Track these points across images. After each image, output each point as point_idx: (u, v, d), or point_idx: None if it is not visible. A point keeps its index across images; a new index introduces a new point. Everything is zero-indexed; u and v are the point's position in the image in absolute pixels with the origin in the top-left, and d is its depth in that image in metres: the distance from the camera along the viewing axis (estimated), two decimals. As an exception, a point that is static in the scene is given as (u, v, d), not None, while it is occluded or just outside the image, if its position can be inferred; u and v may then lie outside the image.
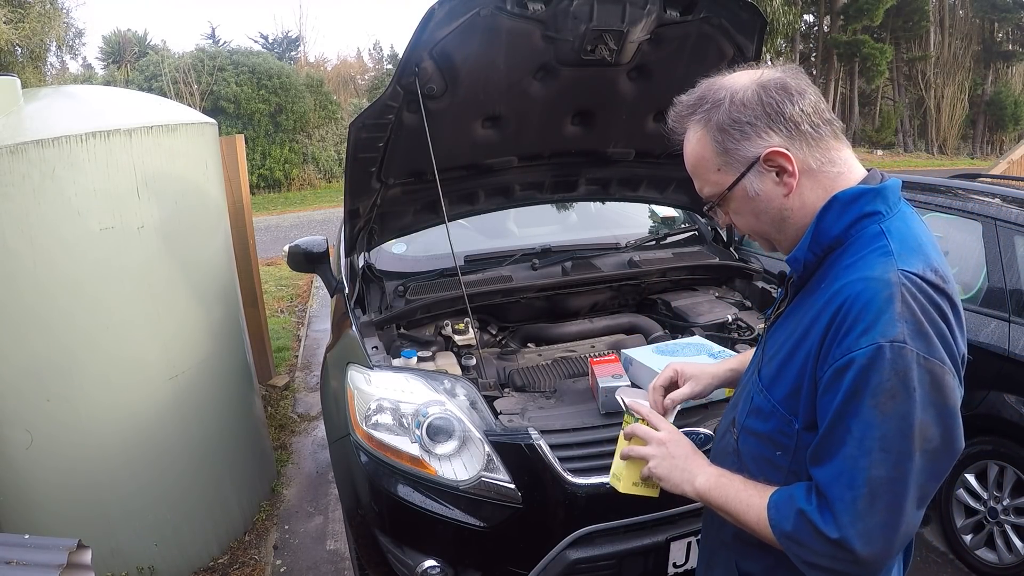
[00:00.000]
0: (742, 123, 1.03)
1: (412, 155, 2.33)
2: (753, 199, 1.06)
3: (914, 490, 0.94)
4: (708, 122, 1.05)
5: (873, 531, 0.94)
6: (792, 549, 1.00)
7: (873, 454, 0.92)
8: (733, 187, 1.06)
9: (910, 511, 0.94)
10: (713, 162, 1.06)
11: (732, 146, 1.04)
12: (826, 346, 0.97)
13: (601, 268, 2.78)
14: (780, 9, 17.90)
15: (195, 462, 2.78)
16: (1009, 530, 2.79)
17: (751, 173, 1.04)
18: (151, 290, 2.54)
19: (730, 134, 1.03)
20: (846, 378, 0.93)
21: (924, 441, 0.92)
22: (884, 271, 0.95)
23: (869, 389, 0.92)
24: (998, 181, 3.86)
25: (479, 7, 1.98)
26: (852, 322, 0.94)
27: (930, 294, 0.94)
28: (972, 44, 25.14)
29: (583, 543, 1.88)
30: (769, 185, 1.04)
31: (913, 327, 0.91)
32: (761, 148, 1.02)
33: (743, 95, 1.03)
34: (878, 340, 0.91)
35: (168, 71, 14.28)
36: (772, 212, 1.06)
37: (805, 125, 1.02)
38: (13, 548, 1.51)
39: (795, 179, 1.03)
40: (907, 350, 0.90)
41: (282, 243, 3.75)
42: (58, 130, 2.25)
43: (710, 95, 1.06)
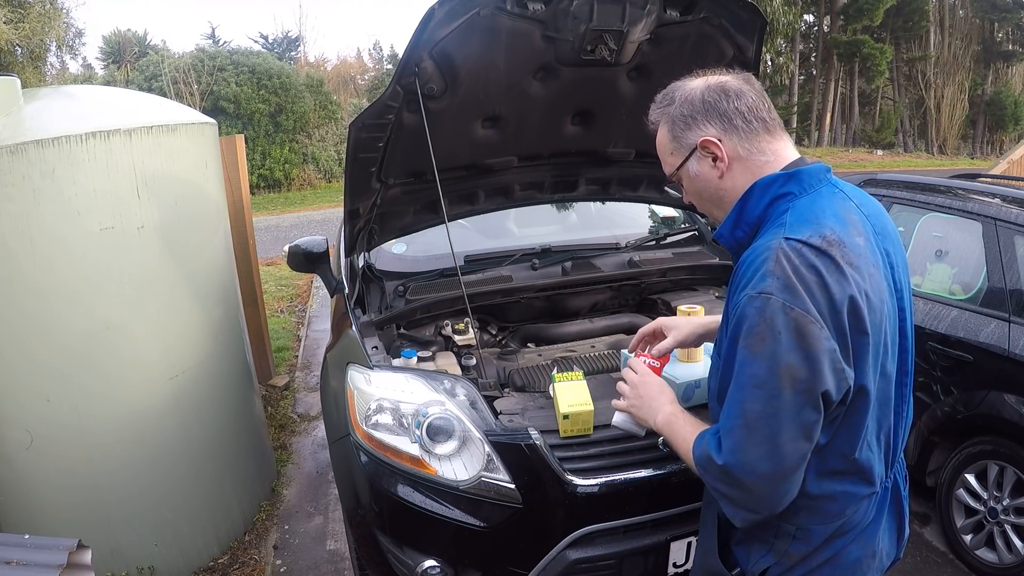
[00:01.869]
0: (686, 116, 1.26)
1: (412, 155, 2.33)
2: (695, 179, 1.29)
3: (790, 423, 1.08)
4: (666, 114, 1.30)
5: (754, 461, 1.10)
6: (702, 475, 1.20)
7: (746, 390, 1.10)
8: (680, 168, 1.30)
9: (788, 442, 1.08)
10: (668, 147, 1.31)
11: (679, 134, 1.28)
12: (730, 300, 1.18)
13: (601, 268, 2.77)
14: (780, 9, 17.91)
15: (195, 462, 2.78)
16: (1009, 530, 2.78)
17: (692, 157, 1.27)
18: (151, 290, 2.54)
19: (677, 124, 1.27)
20: (729, 326, 1.15)
21: (793, 381, 1.06)
22: (771, 240, 1.13)
23: (742, 333, 1.10)
24: (998, 181, 3.86)
25: (479, 7, 1.98)
26: (739, 282, 1.15)
27: (805, 255, 1.09)
28: (972, 44, 25.13)
29: (583, 543, 1.88)
30: (706, 168, 1.26)
31: (782, 282, 1.07)
32: (699, 136, 1.24)
33: (691, 94, 1.26)
34: (750, 292, 1.10)
35: (168, 71, 14.29)
36: (711, 191, 1.28)
37: (737, 120, 1.22)
38: (13, 548, 1.51)
39: (726, 163, 1.24)
40: (774, 300, 1.07)
41: (282, 243, 3.75)
42: (58, 130, 2.25)
43: (671, 93, 1.30)
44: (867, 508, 1.26)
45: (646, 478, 1.88)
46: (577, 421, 1.89)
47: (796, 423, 1.08)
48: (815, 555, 1.25)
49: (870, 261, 1.15)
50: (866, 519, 1.27)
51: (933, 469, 3.07)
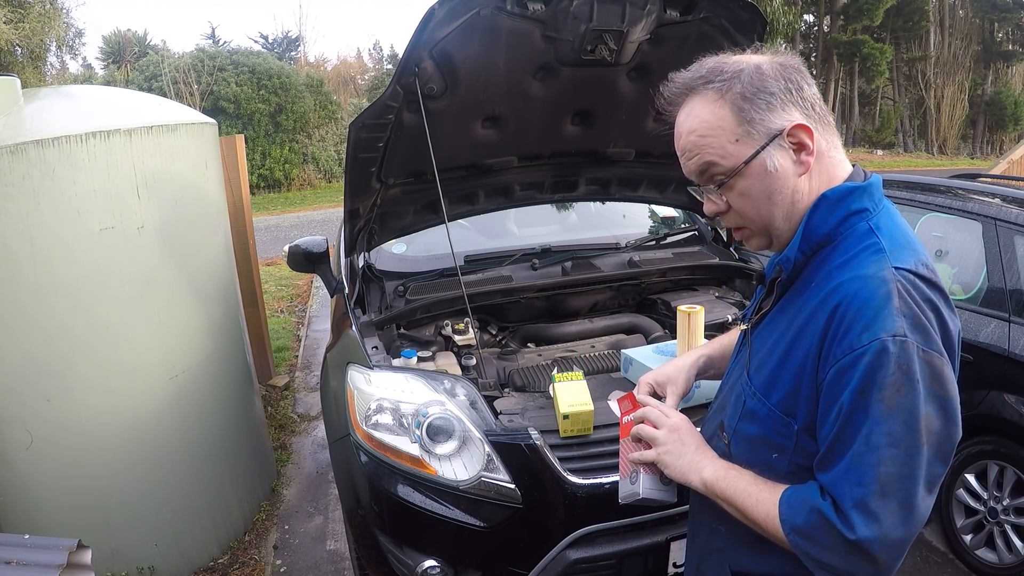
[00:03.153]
0: (768, 92, 1.00)
1: (412, 155, 2.33)
2: (770, 176, 1.01)
3: (924, 482, 0.93)
4: (728, 91, 1.01)
5: (889, 530, 0.92)
6: (802, 546, 0.98)
7: (881, 450, 0.91)
8: (751, 160, 1.01)
9: (922, 504, 0.93)
10: (732, 132, 1.01)
11: (757, 116, 1.00)
12: (827, 346, 0.95)
13: (601, 268, 2.77)
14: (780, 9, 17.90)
15: (195, 462, 2.78)
16: (1009, 530, 2.78)
17: (772, 146, 1.00)
18: (151, 290, 2.54)
19: (755, 103, 1.00)
20: (852, 375, 0.92)
21: (929, 433, 0.92)
22: (879, 269, 0.95)
23: (875, 384, 0.91)
24: (998, 181, 3.86)
25: (479, 7, 1.98)
26: (852, 319, 0.93)
27: (923, 289, 0.95)
28: (972, 44, 25.13)
29: (583, 543, 1.88)
30: (788, 162, 1.01)
31: (911, 321, 0.91)
32: (785, 121, 1.00)
33: (765, 68, 1.01)
34: (880, 335, 0.90)
35: (168, 71, 14.29)
36: (786, 193, 1.02)
37: (818, 107, 1.02)
38: (13, 548, 1.51)
39: (812, 157, 1.01)
40: (908, 343, 0.90)
41: (282, 243, 3.76)
42: (58, 130, 2.25)
43: (727, 67, 1.03)
44: None
45: (646, 478, 1.88)
46: (577, 421, 1.89)
47: (929, 479, 0.93)
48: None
49: None
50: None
51: (933, 469, 3.07)
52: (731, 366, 1.26)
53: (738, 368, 1.18)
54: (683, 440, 1.16)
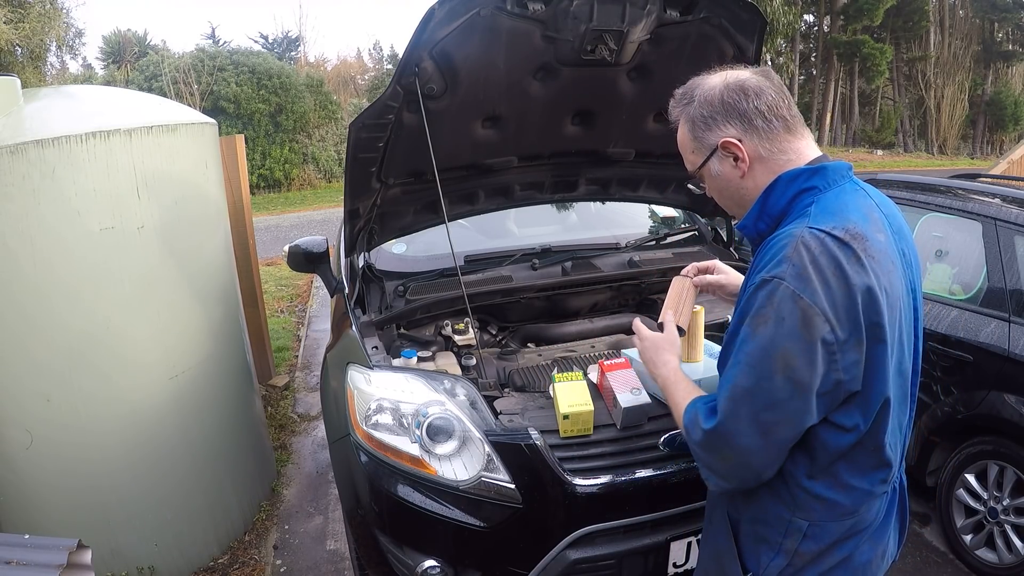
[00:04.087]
0: (706, 117, 1.25)
1: (412, 155, 2.33)
2: (717, 178, 1.29)
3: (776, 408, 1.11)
4: (686, 114, 1.29)
5: (735, 433, 1.14)
6: (687, 439, 1.24)
7: (740, 366, 1.13)
8: (702, 167, 1.30)
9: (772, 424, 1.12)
10: (690, 145, 1.31)
11: (700, 134, 1.27)
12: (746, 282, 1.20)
13: (601, 268, 2.77)
14: (780, 9, 17.91)
15: (195, 462, 2.78)
16: (1009, 530, 2.78)
17: (714, 157, 1.27)
18: (151, 290, 2.54)
19: (698, 125, 1.26)
20: (739, 304, 1.18)
21: (787, 367, 1.09)
22: (796, 228, 1.14)
23: (750, 313, 1.13)
24: (998, 181, 3.86)
25: (479, 7, 1.98)
26: (756, 264, 1.18)
27: (827, 244, 1.10)
28: (972, 44, 25.13)
29: (583, 543, 1.88)
30: (727, 168, 1.26)
31: (797, 270, 1.09)
32: (719, 137, 1.24)
33: (709, 93, 1.25)
34: (764, 275, 1.12)
35: (168, 71, 14.28)
36: (732, 190, 1.29)
37: (757, 120, 1.21)
38: (13, 548, 1.51)
39: (747, 164, 1.24)
40: (785, 286, 1.09)
41: (282, 243, 3.76)
42: (58, 130, 2.25)
43: (689, 91, 1.29)
44: (879, 506, 1.26)
45: (646, 478, 1.88)
46: (577, 421, 1.90)
47: (782, 409, 1.10)
48: (828, 555, 1.24)
49: (889, 258, 1.15)
50: (878, 518, 1.26)
51: (933, 469, 3.07)
52: None
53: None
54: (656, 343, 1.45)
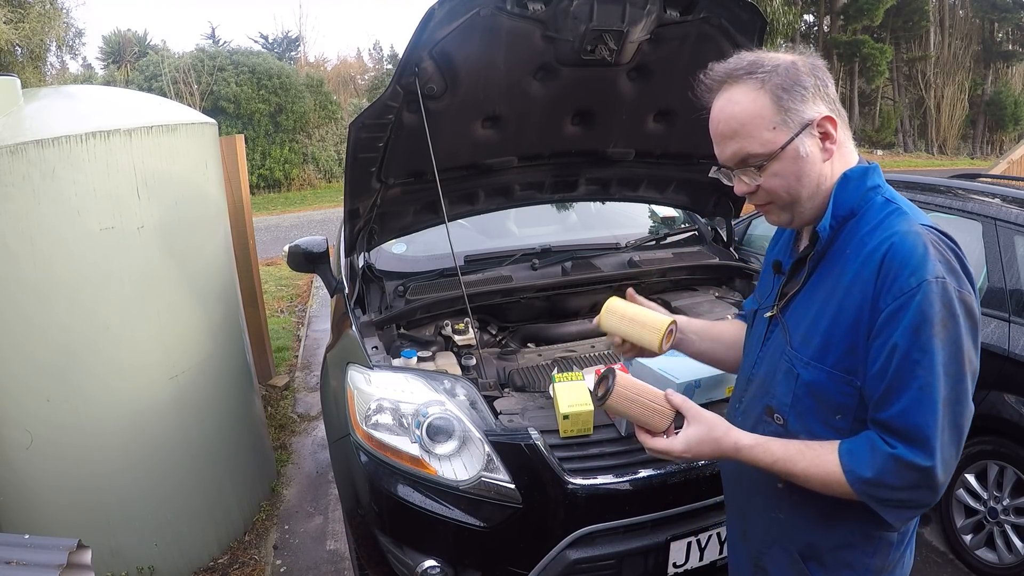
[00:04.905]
0: (802, 86, 1.11)
1: (412, 155, 2.33)
2: (801, 160, 1.12)
3: (967, 407, 1.04)
4: (768, 82, 1.11)
5: (948, 453, 1.03)
6: (871, 492, 1.07)
7: (939, 380, 1.01)
8: (785, 146, 1.11)
9: (966, 426, 1.05)
10: (770, 120, 1.11)
11: (793, 106, 1.10)
12: (876, 295, 1.06)
13: (601, 268, 2.78)
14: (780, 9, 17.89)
15: (195, 462, 2.78)
16: (1009, 530, 2.78)
17: (803, 134, 1.11)
18: (151, 290, 2.54)
19: (792, 94, 1.10)
20: (904, 315, 1.02)
21: (969, 362, 1.04)
22: (910, 226, 1.07)
23: (927, 321, 1.01)
24: (998, 181, 3.86)
25: (479, 7, 1.98)
26: (899, 268, 1.04)
27: (946, 240, 1.08)
28: (972, 44, 25.12)
29: (583, 543, 1.88)
30: (815, 149, 1.12)
31: (947, 266, 1.03)
32: (815, 113, 1.11)
33: (792, 66, 1.12)
34: (926, 277, 1.02)
35: (168, 71, 14.28)
36: (813, 176, 1.13)
37: (838, 104, 1.14)
38: (13, 548, 1.51)
39: (836, 146, 1.13)
40: (948, 284, 1.02)
41: (282, 243, 3.76)
42: (58, 130, 2.25)
43: (766, 61, 1.13)
44: None
45: (646, 478, 1.88)
46: (577, 421, 1.90)
47: (968, 407, 1.05)
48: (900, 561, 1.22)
49: None
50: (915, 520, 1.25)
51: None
52: (755, 356, 1.31)
53: (772, 353, 1.24)
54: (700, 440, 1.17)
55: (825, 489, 1.11)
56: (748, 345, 1.37)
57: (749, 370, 1.32)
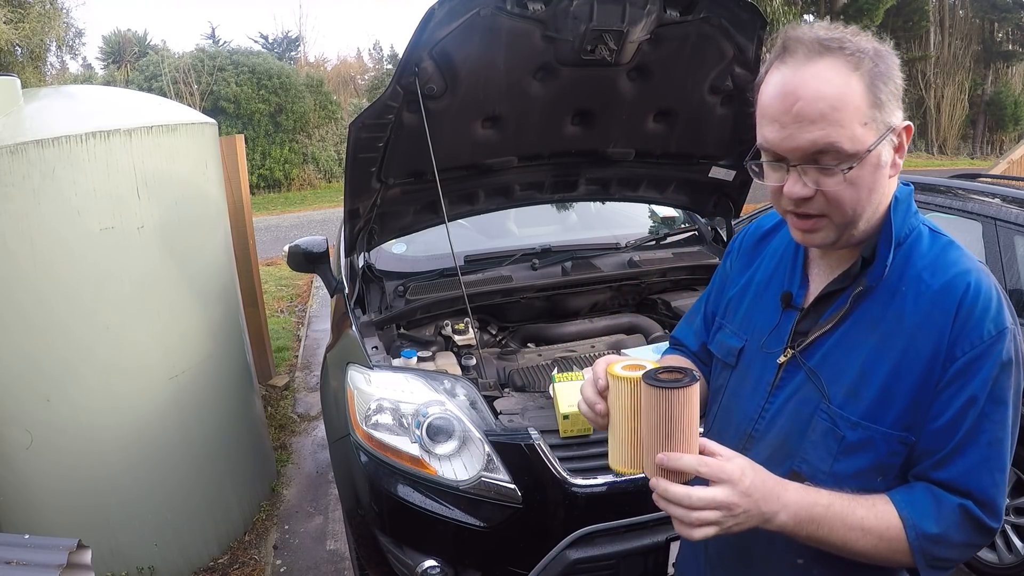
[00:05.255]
0: (895, 82, 0.92)
1: (412, 155, 2.33)
2: (879, 170, 0.92)
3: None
4: (862, 65, 0.89)
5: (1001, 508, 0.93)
6: (930, 550, 0.92)
7: (1007, 436, 0.92)
8: (872, 150, 0.90)
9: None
10: (863, 113, 0.89)
11: (886, 101, 0.90)
12: (951, 343, 0.91)
13: (601, 268, 2.78)
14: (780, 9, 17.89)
15: (195, 462, 2.78)
16: (1009, 530, 2.78)
17: (886, 140, 0.92)
18: (151, 290, 2.54)
19: (888, 88, 0.91)
20: (983, 366, 0.90)
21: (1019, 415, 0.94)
22: (976, 265, 0.95)
23: (1006, 372, 0.91)
24: (998, 181, 3.86)
25: (479, 7, 1.98)
26: (980, 314, 0.90)
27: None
28: (972, 44, 25.12)
29: (583, 543, 1.88)
30: (890, 158, 0.94)
31: (1012, 312, 0.93)
32: (900, 117, 0.93)
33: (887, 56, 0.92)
34: (1007, 325, 0.91)
35: (168, 71, 14.28)
36: (879, 192, 0.95)
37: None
38: (13, 548, 1.51)
39: (902, 160, 0.96)
40: (1017, 334, 0.92)
41: (282, 243, 3.75)
42: (58, 130, 2.25)
43: (853, 40, 0.91)
44: None
45: (646, 478, 1.88)
46: (577, 421, 1.90)
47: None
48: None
49: None
50: None
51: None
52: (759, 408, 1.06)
53: (796, 408, 1.01)
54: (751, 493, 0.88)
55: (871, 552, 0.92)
56: (736, 392, 1.11)
57: (748, 425, 1.07)
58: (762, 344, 1.08)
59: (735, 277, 1.20)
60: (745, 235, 1.24)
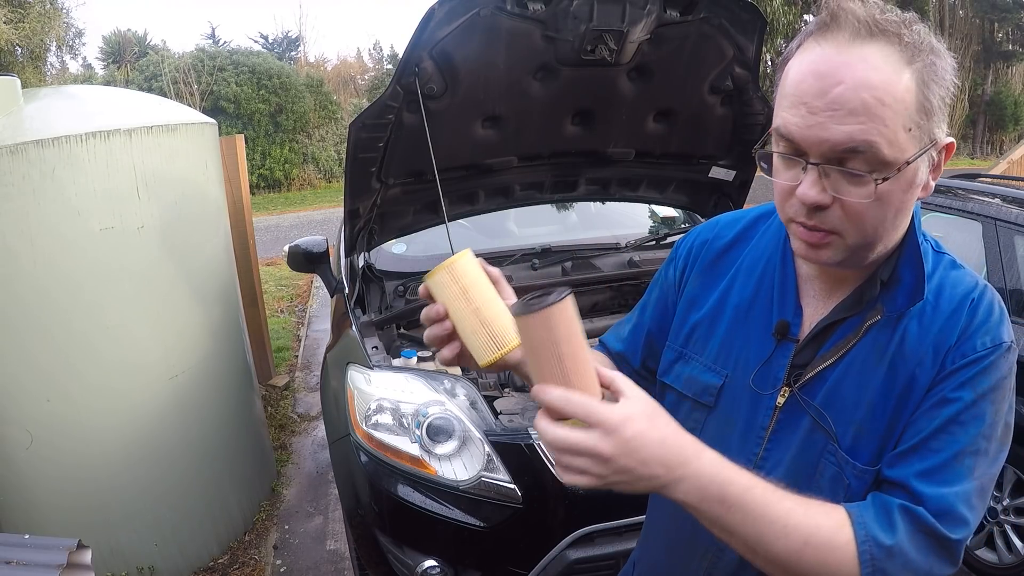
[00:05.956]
0: (947, 86, 0.76)
1: (412, 155, 2.33)
2: (912, 188, 0.79)
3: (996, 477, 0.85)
4: (916, 58, 0.74)
5: (971, 530, 0.83)
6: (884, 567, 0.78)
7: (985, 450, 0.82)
8: (911, 162, 0.76)
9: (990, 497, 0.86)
10: (910, 116, 0.74)
11: (935, 107, 0.76)
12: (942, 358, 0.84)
13: (601, 268, 2.78)
14: (780, 9, 17.90)
15: (195, 462, 2.78)
16: (1009, 530, 2.78)
17: (926, 155, 0.77)
18: (151, 290, 2.54)
19: (940, 91, 0.75)
20: (968, 376, 0.82)
21: (1007, 436, 0.85)
22: (975, 279, 0.88)
23: (991, 387, 0.82)
24: (998, 181, 3.86)
25: (479, 7, 1.99)
26: (975, 326, 0.84)
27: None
28: (972, 44, 25.13)
29: (583, 543, 1.88)
30: (925, 179, 0.80)
31: (1011, 330, 0.87)
32: (944, 133, 0.79)
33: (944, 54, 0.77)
34: (1003, 340, 0.83)
35: (168, 71, 14.28)
36: (905, 212, 0.81)
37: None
38: (13, 548, 1.50)
39: (936, 182, 0.82)
40: (1015, 348, 0.85)
41: (282, 243, 3.76)
42: (58, 130, 2.25)
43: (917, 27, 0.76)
44: None
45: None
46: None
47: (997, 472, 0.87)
48: None
49: None
50: None
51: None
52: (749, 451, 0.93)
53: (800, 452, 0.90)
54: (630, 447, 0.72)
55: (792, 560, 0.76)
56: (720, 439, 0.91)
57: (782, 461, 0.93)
58: (751, 381, 0.93)
59: (697, 294, 1.02)
60: (698, 243, 1.05)
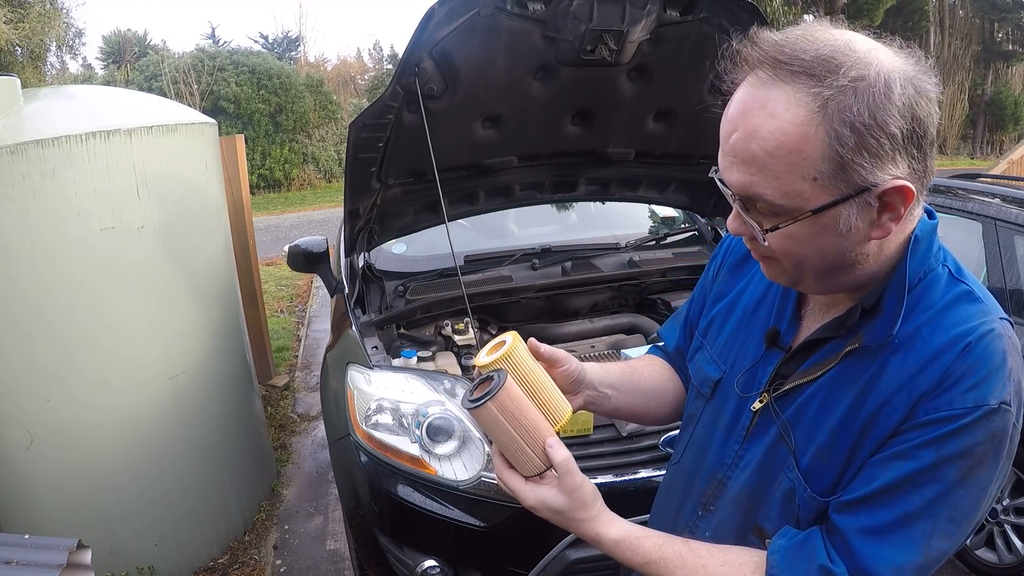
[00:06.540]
0: (883, 133, 0.69)
1: (412, 155, 2.33)
2: (834, 235, 0.74)
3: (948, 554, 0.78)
4: (831, 106, 0.68)
5: None
6: None
7: (939, 521, 0.74)
8: (820, 211, 0.72)
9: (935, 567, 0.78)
10: (813, 167, 0.71)
11: (855, 159, 0.69)
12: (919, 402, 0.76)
13: (601, 268, 2.78)
14: (780, 9, 17.90)
15: (195, 462, 2.78)
16: (1009, 530, 2.78)
17: (854, 201, 0.72)
18: (151, 290, 2.54)
19: (861, 142, 0.69)
20: (937, 433, 0.74)
21: (984, 509, 0.77)
22: (987, 321, 0.77)
23: (961, 452, 0.73)
24: (998, 181, 3.86)
25: (479, 7, 1.98)
26: (961, 375, 0.74)
27: (1017, 343, 0.77)
28: (972, 44, 25.13)
29: (583, 543, 1.88)
30: (864, 224, 0.74)
31: (1017, 387, 0.75)
32: (886, 177, 0.71)
33: (896, 88, 0.68)
34: (989, 401, 0.73)
35: (168, 71, 14.28)
36: (841, 255, 0.77)
37: (931, 157, 0.73)
38: (13, 548, 1.50)
39: (896, 223, 0.75)
40: (1010, 415, 0.74)
41: (282, 243, 3.76)
42: (58, 130, 2.25)
43: (846, 61, 0.69)
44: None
45: (646, 478, 1.88)
46: (577, 421, 1.90)
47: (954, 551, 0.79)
48: None
49: None
50: None
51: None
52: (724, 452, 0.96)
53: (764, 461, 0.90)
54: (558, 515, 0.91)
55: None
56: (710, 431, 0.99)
57: (721, 471, 0.96)
58: (737, 382, 0.95)
59: (723, 289, 1.06)
60: (734, 243, 1.09)
